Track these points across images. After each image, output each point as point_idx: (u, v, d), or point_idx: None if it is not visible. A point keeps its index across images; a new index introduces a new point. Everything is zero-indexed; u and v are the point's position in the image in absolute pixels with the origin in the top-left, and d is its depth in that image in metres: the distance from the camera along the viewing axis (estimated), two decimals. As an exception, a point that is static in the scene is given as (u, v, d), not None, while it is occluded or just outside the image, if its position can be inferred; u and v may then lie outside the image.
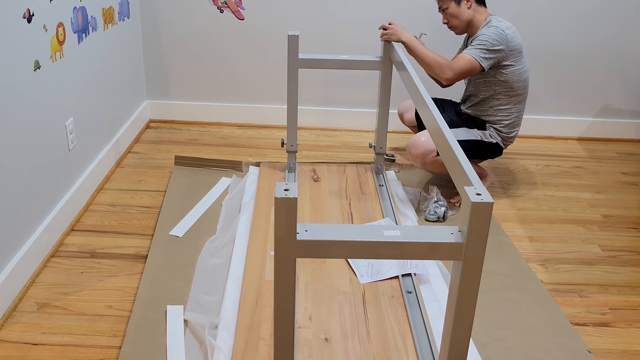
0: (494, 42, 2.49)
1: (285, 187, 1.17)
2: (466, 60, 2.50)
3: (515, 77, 2.59)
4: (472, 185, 1.26)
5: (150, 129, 3.51)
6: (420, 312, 1.92)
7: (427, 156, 2.60)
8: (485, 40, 2.50)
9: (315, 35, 3.31)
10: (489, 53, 2.50)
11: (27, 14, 2.05)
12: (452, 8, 2.60)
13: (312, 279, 2.09)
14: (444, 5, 2.63)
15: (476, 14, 2.61)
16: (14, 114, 2.00)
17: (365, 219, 2.50)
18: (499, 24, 2.54)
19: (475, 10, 2.61)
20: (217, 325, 1.85)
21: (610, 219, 2.71)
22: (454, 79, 2.53)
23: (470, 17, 2.61)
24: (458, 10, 2.59)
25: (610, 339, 1.96)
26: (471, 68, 2.51)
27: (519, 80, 2.61)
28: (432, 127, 1.72)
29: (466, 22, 2.62)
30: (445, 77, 2.52)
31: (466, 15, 2.60)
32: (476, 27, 2.62)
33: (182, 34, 3.40)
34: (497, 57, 2.52)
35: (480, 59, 2.49)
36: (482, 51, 2.49)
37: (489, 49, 2.49)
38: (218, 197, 2.69)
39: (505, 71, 2.57)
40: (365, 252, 1.23)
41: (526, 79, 2.64)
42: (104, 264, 2.22)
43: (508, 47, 2.51)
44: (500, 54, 2.51)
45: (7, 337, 1.85)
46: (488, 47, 2.49)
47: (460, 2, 2.58)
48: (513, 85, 2.61)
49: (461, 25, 2.64)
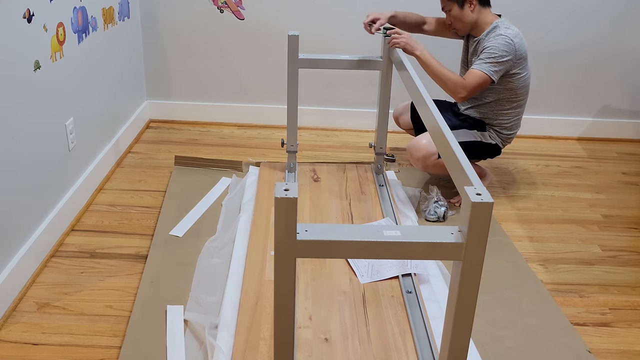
0: (502, 54, 2.46)
1: (285, 187, 1.17)
2: (477, 77, 2.46)
3: (520, 83, 2.59)
4: (472, 185, 1.26)
5: (150, 129, 3.51)
6: (420, 312, 1.92)
7: (428, 159, 2.59)
8: (493, 52, 2.46)
9: (315, 35, 3.31)
10: (498, 65, 2.47)
11: (27, 14, 2.05)
12: (455, 11, 2.59)
13: (312, 279, 2.09)
14: (447, 7, 2.62)
15: (480, 16, 2.59)
16: (14, 114, 2.00)
17: (365, 219, 2.50)
18: (506, 31, 2.49)
19: (479, 12, 2.58)
20: (217, 325, 1.85)
21: (610, 219, 2.71)
22: (467, 97, 2.51)
23: (474, 19, 2.59)
24: (461, 13, 2.58)
25: (610, 339, 1.96)
26: (483, 83, 2.48)
27: (523, 86, 2.61)
28: (432, 127, 1.72)
29: (470, 25, 2.61)
30: (460, 96, 2.49)
31: (469, 18, 2.58)
32: (481, 29, 2.59)
33: (182, 34, 3.40)
34: (506, 68, 2.50)
35: (491, 73, 2.46)
36: (491, 65, 2.46)
37: (498, 62, 2.46)
38: (218, 197, 2.69)
39: (512, 79, 2.56)
40: (365, 252, 1.23)
41: (529, 85, 2.64)
42: (104, 264, 2.22)
43: (516, 57, 2.49)
44: (508, 64, 2.49)
45: (7, 337, 1.85)
46: (497, 59, 2.46)
47: (464, 5, 2.56)
48: (517, 92, 2.61)
49: (465, 28, 2.63)
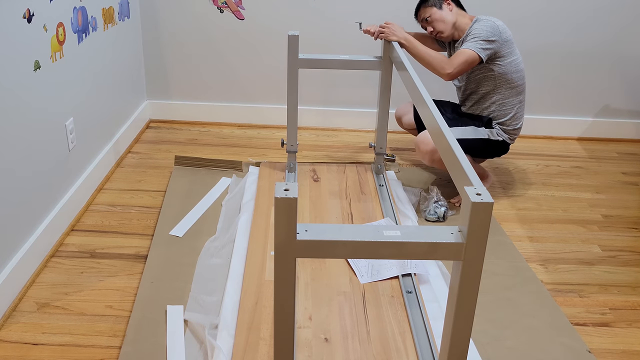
0: (488, 34, 2.53)
1: (285, 187, 1.17)
2: (464, 54, 2.52)
3: (512, 67, 2.63)
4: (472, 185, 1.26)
5: (150, 129, 3.51)
6: (420, 312, 1.92)
7: (436, 153, 2.60)
8: (479, 32, 2.54)
9: (315, 35, 3.31)
10: (485, 44, 2.53)
11: (27, 14, 2.05)
12: (436, 13, 2.66)
13: (312, 279, 2.09)
14: (426, 15, 2.68)
15: (459, 17, 2.68)
16: (14, 114, 2.00)
17: (365, 219, 2.50)
18: (488, 18, 2.59)
19: (457, 13, 2.68)
20: (217, 325, 1.85)
21: (610, 219, 2.71)
22: (454, 73, 2.54)
23: (455, 19, 2.67)
24: (442, 13, 2.65)
25: (610, 339, 1.96)
26: (470, 60, 2.53)
27: (516, 71, 2.65)
28: (432, 127, 1.72)
29: (452, 25, 2.67)
30: (446, 72, 2.54)
31: (450, 17, 2.66)
32: (462, 30, 2.67)
33: (182, 34, 3.40)
34: (494, 48, 2.55)
35: (478, 50, 2.52)
36: (478, 42, 2.53)
37: (485, 40, 2.53)
38: (218, 197, 2.69)
39: (502, 62, 2.60)
40: (365, 252, 1.23)
41: (522, 70, 2.68)
42: (104, 264, 2.22)
43: (501, 38, 2.56)
44: (495, 44, 2.55)
45: (7, 337, 1.85)
46: (483, 38, 2.53)
47: (442, 6, 2.65)
48: (511, 77, 2.64)
49: (448, 28, 2.68)
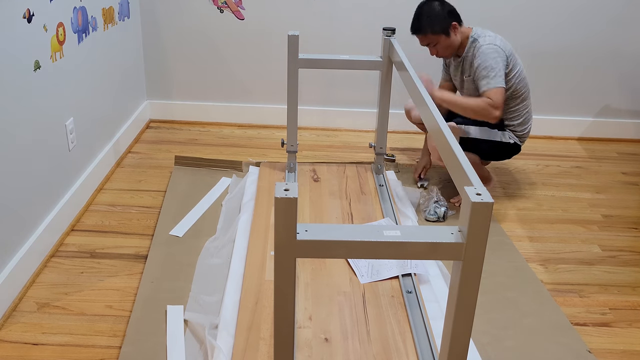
0: (496, 61, 2.50)
1: (285, 187, 1.17)
2: (499, 93, 2.49)
3: (517, 79, 2.62)
4: (472, 185, 1.26)
5: (150, 129, 3.51)
6: (420, 312, 1.92)
7: None
8: (490, 64, 2.50)
9: (315, 35, 3.31)
10: (500, 71, 2.51)
11: (27, 14, 2.05)
12: (444, 41, 2.59)
13: (312, 279, 2.09)
14: (433, 42, 2.62)
15: (461, 35, 2.62)
16: (14, 113, 2.00)
17: (365, 219, 2.50)
18: (485, 40, 2.55)
19: (460, 32, 2.61)
20: (217, 325, 1.85)
21: (610, 219, 2.71)
22: (500, 113, 2.52)
23: (459, 41, 2.62)
24: (449, 40, 2.60)
25: (610, 339, 1.96)
26: (504, 94, 2.52)
27: (520, 80, 2.64)
28: (432, 127, 1.72)
29: (456, 47, 2.64)
30: (494, 115, 2.50)
31: (456, 42, 2.62)
32: (463, 46, 2.63)
33: (182, 34, 3.40)
34: (505, 69, 2.54)
35: (502, 83, 2.50)
36: (497, 77, 2.50)
37: (498, 69, 2.50)
38: (218, 197, 2.69)
39: (510, 77, 2.59)
40: (365, 252, 1.23)
41: (525, 76, 2.67)
42: (104, 264, 2.22)
43: (506, 55, 2.55)
44: (504, 64, 2.54)
45: (7, 337, 1.85)
46: (496, 69, 2.50)
47: (450, 33, 2.58)
48: (516, 87, 2.63)
49: (452, 52, 2.66)
